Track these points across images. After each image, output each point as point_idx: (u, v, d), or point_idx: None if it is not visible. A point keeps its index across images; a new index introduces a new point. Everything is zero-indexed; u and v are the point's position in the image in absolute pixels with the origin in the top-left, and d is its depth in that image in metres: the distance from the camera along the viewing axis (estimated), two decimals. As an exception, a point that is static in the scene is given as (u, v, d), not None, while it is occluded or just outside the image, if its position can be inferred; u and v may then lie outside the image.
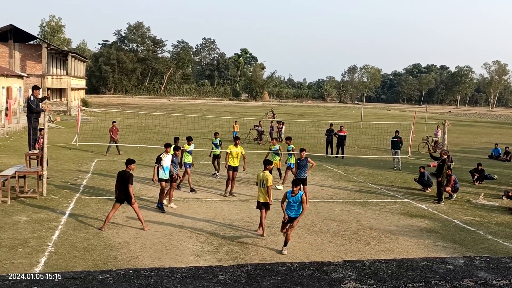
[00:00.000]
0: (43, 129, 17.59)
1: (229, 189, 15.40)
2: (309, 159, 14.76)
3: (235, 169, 15.43)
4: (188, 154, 16.10)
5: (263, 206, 11.48)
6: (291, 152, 16.78)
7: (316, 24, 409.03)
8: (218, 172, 18.54)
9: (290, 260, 9.86)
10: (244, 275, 1.96)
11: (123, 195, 11.19)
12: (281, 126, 32.45)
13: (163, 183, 13.17)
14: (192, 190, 15.57)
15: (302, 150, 14.86)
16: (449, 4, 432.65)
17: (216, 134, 19.25)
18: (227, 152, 15.68)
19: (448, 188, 16.52)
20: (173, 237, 10.83)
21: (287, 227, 10.38)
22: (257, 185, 11.76)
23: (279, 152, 17.18)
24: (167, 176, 13.29)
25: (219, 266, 2.05)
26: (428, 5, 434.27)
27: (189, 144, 16.37)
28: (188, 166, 15.98)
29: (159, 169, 13.22)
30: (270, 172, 11.64)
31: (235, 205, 14.14)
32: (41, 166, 14.56)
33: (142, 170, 19.01)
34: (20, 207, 12.77)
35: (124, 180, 11.15)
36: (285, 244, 10.42)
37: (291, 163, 16.58)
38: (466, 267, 2.15)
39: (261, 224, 11.56)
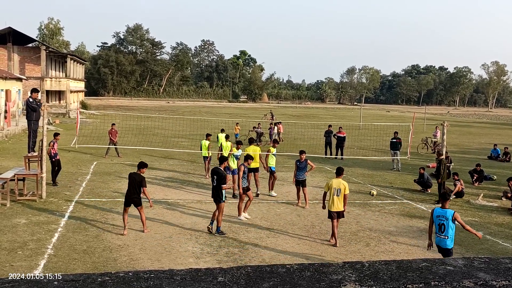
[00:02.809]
0: (59, 134, 17.62)
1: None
2: (308, 161, 14.77)
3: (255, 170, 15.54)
4: (235, 159, 15.92)
5: (338, 215, 10.98)
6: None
7: (314, 25, 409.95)
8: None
9: (290, 261, 9.86)
10: (243, 277, 1.96)
11: (132, 197, 10.99)
12: (279, 126, 32.59)
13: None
14: (235, 196, 15.18)
15: (301, 152, 14.89)
16: (448, 5, 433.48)
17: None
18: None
19: (459, 186, 16.65)
20: (172, 239, 10.83)
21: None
22: (324, 194, 11.21)
23: (238, 156, 16.34)
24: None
25: (219, 268, 2.04)
26: (426, 6, 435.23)
27: (237, 148, 16.26)
28: (234, 172, 15.40)
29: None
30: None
31: (234, 207, 14.13)
32: (41, 168, 14.54)
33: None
34: (20, 209, 12.76)
35: (135, 182, 10.99)
36: None
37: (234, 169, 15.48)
38: (466, 268, 2.15)
39: (333, 234, 11.08)
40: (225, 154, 17.74)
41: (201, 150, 19.35)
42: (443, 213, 8.67)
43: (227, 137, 18.60)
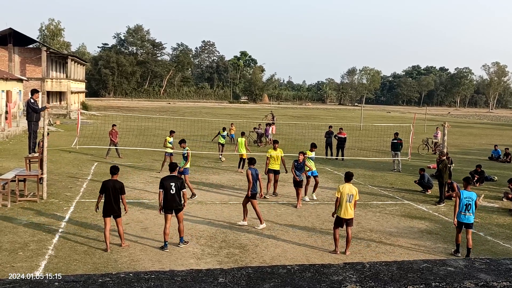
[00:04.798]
0: (48, 133, 17.63)
1: (265, 190, 15.35)
2: (306, 162, 14.80)
3: (276, 172, 15.83)
4: (182, 157, 15.82)
5: (347, 223, 10.57)
6: (186, 155, 15.75)
7: (315, 26, 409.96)
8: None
9: (291, 262, 9.86)
10: (244, 277, 1.96)
11: (113, 207, 10.03)
12: (268, 127, 32.85)
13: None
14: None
15: (301, 152, 14.96)
16: (448, 6, 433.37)
17: (172, 132, 20.39)
18: (267, 157, 15.94)
19: (454, 194, 16.61)
20: (173, 240, 10.82)
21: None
22: (337, 200, 10.58)
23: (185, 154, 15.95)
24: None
25: (219, 269, 2.05)
26: (426, 6, 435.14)
27: (183, 147, 16.01)
28: (185, 172, 15.45)
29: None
30: None
31: (235, 208, 14.14)
32: (41, 169, 14.55)
33: (142, 173, 19.01)
34: (20, 210, 12.77)
35: (116, 190, 10.03)
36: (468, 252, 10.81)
37: (186, 168, 15.46)
38: (467, 268, 2.15)
39: (335, 240, 10.63)
40: (242, 150, 20.05)
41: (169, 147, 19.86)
42: (470, 195, 10.74)
43: (242, 134, 21.23)
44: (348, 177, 10.92)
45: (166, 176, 10.90)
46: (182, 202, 10.53)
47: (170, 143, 19.82)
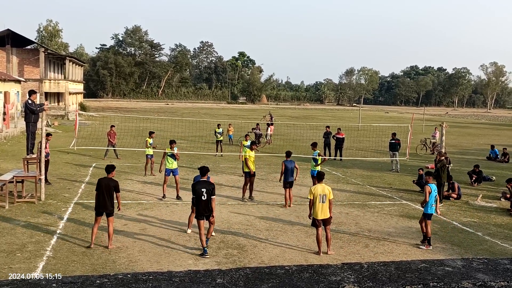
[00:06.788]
0: (51, 134, 17.62)
1: (247, 194, 15.40)
2: (283, 162, 14.78)
3: (253, 174, 15.38)
4: (172, 158, 15.34)
5: (324, 223, 10.44)
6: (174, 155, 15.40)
7: (313, 26, 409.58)
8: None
9: (289, 263, 9.84)
10: (242, 278, 1.96)
11: (105, 205, 10.06)
12: (267, 127, 32.99)
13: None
14: (179, 197, 15.01)
15: (287, 152, 15.13)
16: (446, 6, 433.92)
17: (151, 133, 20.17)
18: (245, 158, 15.51)
19: (454, 195, 16.63)
20: (171, 241, 10.82)
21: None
22: (310, 202, 10.44)
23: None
24: None
25: (218, 270, 2.05)
26: (424, 7, 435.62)
27: (172, 148, 15.38)
28: (175, 173, 15.27)
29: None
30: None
31: (233, 208, 14.14)
32: (39, 170, 14.53)
33: (140, 174, 19.00)
34: (18, 212, 12.74)
35: (109, 188, 10.07)
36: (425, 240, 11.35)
37: (176, 168, 15.26)
38: (465, 268, 2.15)
39: (318, 242, 10.42)
40: (242, 152, 18.79)
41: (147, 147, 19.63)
42: (435, 188, 11.78)
43: (246, 136, 20.74)
44: (320, 178, 10.76)
45: (198, 181, 10.37)
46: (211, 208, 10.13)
47: (150, 144, 19.48)
